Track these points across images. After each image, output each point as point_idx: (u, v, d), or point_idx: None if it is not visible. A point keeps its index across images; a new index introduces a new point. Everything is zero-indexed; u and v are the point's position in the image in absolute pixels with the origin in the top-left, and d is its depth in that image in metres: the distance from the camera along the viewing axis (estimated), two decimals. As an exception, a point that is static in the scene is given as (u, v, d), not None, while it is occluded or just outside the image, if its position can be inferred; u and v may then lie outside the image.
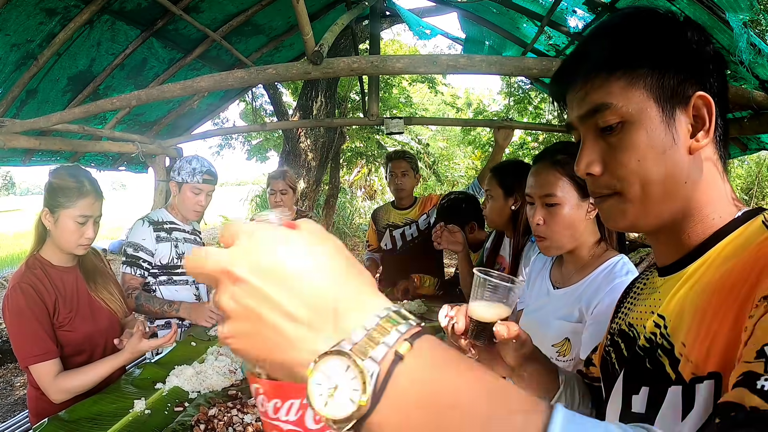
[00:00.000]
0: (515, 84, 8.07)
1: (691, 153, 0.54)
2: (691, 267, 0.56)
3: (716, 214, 0.56)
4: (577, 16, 2.43)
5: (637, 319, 0.66)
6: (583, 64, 0.59)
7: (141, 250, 1.90)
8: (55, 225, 1.44)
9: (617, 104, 0.55)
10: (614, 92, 0.55)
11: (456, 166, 13.98)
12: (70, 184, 1.46)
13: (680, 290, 0.56)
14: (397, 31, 10.25)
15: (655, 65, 0.54)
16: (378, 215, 2.86)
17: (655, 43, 0.54)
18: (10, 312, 1.35)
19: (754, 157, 10.91)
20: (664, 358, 0.55)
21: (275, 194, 2.64)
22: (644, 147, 0.55)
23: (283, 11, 2.86)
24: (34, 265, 1.44)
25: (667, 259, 0.61)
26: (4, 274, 7.38)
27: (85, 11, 2.06)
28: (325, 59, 1.52)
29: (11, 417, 2.51)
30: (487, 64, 1.53)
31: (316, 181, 5.33)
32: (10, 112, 2.33)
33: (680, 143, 0.54)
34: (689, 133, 0.54)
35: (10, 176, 50.41)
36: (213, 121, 5.96)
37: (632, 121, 0.55)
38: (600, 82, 0.56)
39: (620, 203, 0.58)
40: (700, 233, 0.57)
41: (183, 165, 1.97)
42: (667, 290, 0.60)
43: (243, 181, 51.81)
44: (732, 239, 0.54)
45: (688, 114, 0.54)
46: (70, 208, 1.44)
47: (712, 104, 0.53)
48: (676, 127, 0.54)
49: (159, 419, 1.20)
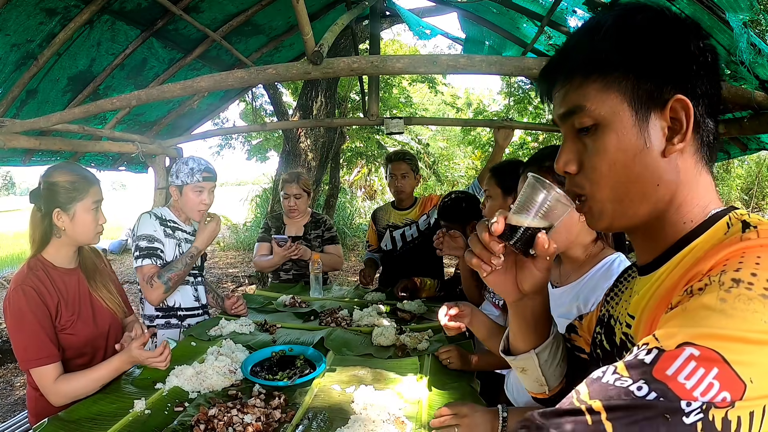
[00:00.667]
0: (515, 84, 8.07)
1: (665, 156, 0.54)
2: (659, 270, 0.57)
3: (689, 217, 0.56)
4: (577, 16, 2.43)
5: (618, 312, 0.68)
6: (564, 63, 0.59)
7: (155, 240, 1.88)
8: (72, 221, 1.46)
9: (590, 107, 0.56)
10: (589, 95, 0.56)
11: (456, 166, 13.98)
12: (75, 177, 1.48)
13: (647, 293, 0.58)
14: (397, 31, 10.25)
15: (629, 70, 0.54)
16: (378, 216, 2.86)
17: (631, 48, 0.54)
18: (12, 314, 1.34)
19: (754, 157, 10.92)
20: None
21: (289, 198, 2.63)
22: (615, 150, 0.55)
23: (283, 11, 2.86)
24: (36, 267, 1.43)
25: (642, 258, 0.62)
26: (4, 274, 7.38)
27: (85, 11, 2.06)
28: (325, 59, 1.51)
29: (11, 417, 2.51)
30: (487, 64, 1.53)
31: (316, 181, 5.33)
32: (10, 112, 2.33)
33: (653, 146, 0.54)
34: (665, 136, 0.54)
35: (10, 176, 50.41)
36: (213, 121, 5.96)
37: (604, 125, 0.55)
38: (578, 84, 0.57)
39: (594, 205, 0.59)
40: (671, 236, 0.57)
41: (180, 167, 1.96)
42: (638, 290, 0.61)
43: (243, 181, 51.82)
44: (698, 243, 0.54)
45: (664, 117, 0.54)
46: (84, 199, 1.47)
47: (690, 108, 0.52)
48: (649, 131, 0.54)
49: (159, 419, 1.20)
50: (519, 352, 0.79)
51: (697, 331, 0.41)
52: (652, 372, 0.40)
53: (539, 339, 0.77)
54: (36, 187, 1.49)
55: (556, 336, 0.79)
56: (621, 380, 0.41)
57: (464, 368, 1.52)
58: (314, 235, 2.73)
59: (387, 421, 1.17)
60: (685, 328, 0.42)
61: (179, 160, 2.03)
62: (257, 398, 1.29)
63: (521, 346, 0.79)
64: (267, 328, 1.90)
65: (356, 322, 1.98)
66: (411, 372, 1.48)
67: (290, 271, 2.71)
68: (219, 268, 7.77)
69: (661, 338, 0.43)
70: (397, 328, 1.84)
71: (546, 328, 0.77)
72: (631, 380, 0.41)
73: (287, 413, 1.23)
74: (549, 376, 0.80)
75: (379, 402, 1.25)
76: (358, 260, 8.37)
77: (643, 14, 0.55)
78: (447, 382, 1.42)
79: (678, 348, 0.40)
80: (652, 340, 0.43)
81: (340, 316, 2.04)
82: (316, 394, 1.35)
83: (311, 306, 2.23)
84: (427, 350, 1.68)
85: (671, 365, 0.40)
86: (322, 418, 1.21)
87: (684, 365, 0.39)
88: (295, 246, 2.51)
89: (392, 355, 1.65)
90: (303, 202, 2.66)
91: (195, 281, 2.06)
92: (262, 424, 1.16)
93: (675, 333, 0.42)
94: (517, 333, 0.78)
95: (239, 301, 2.08)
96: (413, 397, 1.32)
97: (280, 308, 2.21)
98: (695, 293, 0.46)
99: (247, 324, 1.90)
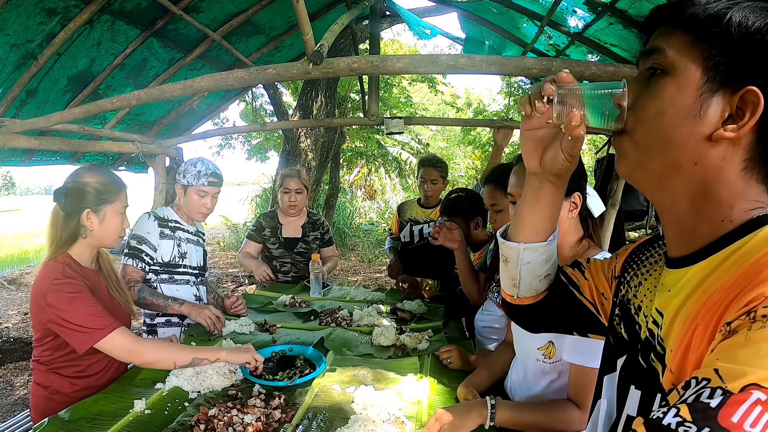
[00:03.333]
0: (515, 84, 8.07)
1: (712, 139, 0.51)
2: (695, 268, 0.54)
3: (728, 217, 0.53)
4: (577, 16, 2.43)
5: (641, 302, 0.65)
6: (672, 11, 0.57)
7: (144, 243, 1.90)
8: (101, 223, 1.47)
9: (669, 52, 0.55)
10: (673, 43, 0.55)
11: (456, 166, 13.98)
12: (107, 180, 1.50)
13: (680, 292, 0.55)
14: (397, 31, 10.25)
15: (722, 47, 0.51)
16: (403, 208, 3.00)
17: (728, 27, 0.51)
18: (59, 301, 1.31)
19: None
20: (657, 363, 0.54)
21: (290, 193, 2.61)
22: (669, 100, 0.54)
23: (283, 11, 2.86)
24: (66, 262, 1.42)
25: (674, 250, 0.59)
26: (4, 274, 7.38)
27: (85, 11, 2.06)
28: (325, 59, 1.51)
29: (11, 417, 2.51)
30: (487, 64, 1.53)
31: (316, 181, 5.34)
32: (10, 112, 2.33)
33: (705, 120, 0.51)
34: (722, 119, 0.51)
35: (10, 176, 50.36)
36: (213, 121, 5.97)
37: (671, 73, 0.54)
38: (668, 31, 0.56)
39: (626, 143, 0.58)
40: (708, 232, 0.54)
41: (188, 168, 1.97)
42: (669, 284, 0.58)
43: (243, 181, 51.77)
44: (738, 246, 0.51)
45: (731, 102, 0.50)
46: (115, 202, 1.50)
47: (760, 104, 0.49)
48: (709, 104, 0.51)
49: (159, 419, 1.20)
50: (511, 240, 0.78)
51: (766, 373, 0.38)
52: (717, 418, 0.38)
53: (535, 237, 0.75)
54: (61, 186, 1.48)
55: (552, 253, 0.78)
56: (684, 426, 0.39)
57: (465, 368, 1.52)
58: (313, 236, 2.72)
59: (387, 421, 1.17)
60: (754, 368, 0.39)
61: (189, 160, 2.03)
62: (257, 398, 1.29)
63: (517, 235, 0.77)
64: (267, 328, 1.90)
65: (356, 322, 1.98)
66: (411, 372, 1.48)
67: (289, 273, 2.70)
68: (219, 268, 7.77)
69: (726, 377, 0.40)
70: (397, 328, 1.84)
71: (546, 232, 0.75)
72: (695, 427, 0.39)
73: (287, 413, 1.23)
74: (524, 281, 0.78)
75: (380, 402, 1.25)
76: (358, 260, 8.37)
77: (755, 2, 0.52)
78: (447, 382, 1.42)
79: (744, 391, 0.38)
80: (715, 377, 0.40)
81: (340, 316, 2.04)
82: (316, 394, 1.35)
83: (311, 306, 2.23)
84: (427, 350, 1.68)
85: (737, 410, 0.38)
86: (323, 418, 1.21)
87: (750, 410, 0.37)
88: (241, 304, 2.10)
89: (392, 355, 1.65)
90: (303, 198, 2.65)
91: (197, 281, 2.07)
92: (262, 424, 1.16)
93: (742, 373, 0.39)
94: (519, 218, 0.77)
95: (239, 300, 2.08)
96: (413, 397, 1.32)
97: (280, 308, 2.21)
98: (759, 320, 0.42)
99: (247, 324, 1.90)
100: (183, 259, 2.01)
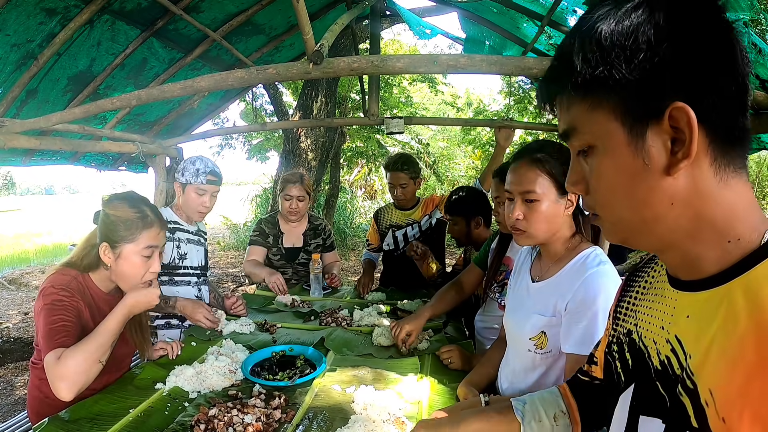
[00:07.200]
0: (515, 84, 8.07)
1: (669, 174, 0.47)
2: (719, 290, 0.48)
3: (734, 234, 0.48)
4: (577, 16, 2.43)
5: (645, 329, 0.60)
6: (554, 79, 0.53)
7: None
8: (117, 261, 1.31)
9: (581, 129, 0.52)
10: (579, 115, 0.51)
11: (456, 165, 13.98)
12: (131, 214, 1.32)
13: (713, 320, 0.48)
14: (397, 31, 10.24)
15: (614, 85, 0.47)
16: (380, 215, 2.85)
17: (615, 59, 0.46)
18: (41, 307, 1.26)
19: (755, 157, 10.90)
20: (686, 398, 0.48)
21: (291, 200, 2.49)
22: (612, 174, 0.50)
23: (283, 11, 2.86)
24: (73, 276, 1.32)
25: (679, 272, 0.55)
26: (4, 274, 7.38)
27: (85, 11, 2.06)
28: (325, 59, 1.51)
29: (11, 417, 2.51)
30: (487, 63, 1.53)
31: (317, 181, 5.34)
32: (10, 112, 2.33)
33: (654, 165, 0.47)
34: (668, 150, 0.46)
35: (10, 176, 50.41)
36: (213, 121, 5.96)
37: (598, 147, 0.51)
38: (567, 102, 0.52)
39: (603, 222, 0.56)
40: (718, 256, 0.49)
41: (187, 166, 1.96)
42: (683, 308, 0.53)
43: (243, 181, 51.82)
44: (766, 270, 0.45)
45: (664, 129, 0.46)
46: (134, 241, 1.30)
47: (690, 114, 0.44)
48: (647, 148, 0.47)
49: (159, 419, 1.20)
50: None
51: None
52: None
53: None
54: (98, 210, 1.38)
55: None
56: None
57: (465, 368, 1.52)
58: (314, 244, 2.65)
59: (387, 421, 1.17)
60: None
61: (188, 158, 2.02)
62: (257, 398, 1.29)
63: None
64: (267, 328, 1.90)
65: (356, 322, 1.98)
66: (411, 372, 1.48)
67: (290, 280, 2.66)
68: (219, 268, 7.77)
69: None
70: (397, 328, 1.84)
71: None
72: None
73: (287, 413, 1.22)
74: None
75: (380, 402, 1.25)
76: (358, 260, 8.38)
77: (642, 8, 0.46)
78: (447, 382, 1.42)
79: None
80: None
81: (340, 316, 2.04)
82: (317, 394, 1.35)
83: (311, 306, 2.23)
84: (427, 350, 1.68)
85: None
86: (323, 418, 1.21)
87: None
88: (241, 304, 2.10)
89: (392, 355, 1.65)
90: (305, 205, 2.55)
91: (198, 281, 2.06)
92: (262, 424, 1.16)
93: None
94: None
95: (239, 300, 2.08)
96: (413, 397, 1.32)
97: (280, 308, 2.21)
98: None
99: (247, 324, 1.90)
100: (183, 261, 2.01)
